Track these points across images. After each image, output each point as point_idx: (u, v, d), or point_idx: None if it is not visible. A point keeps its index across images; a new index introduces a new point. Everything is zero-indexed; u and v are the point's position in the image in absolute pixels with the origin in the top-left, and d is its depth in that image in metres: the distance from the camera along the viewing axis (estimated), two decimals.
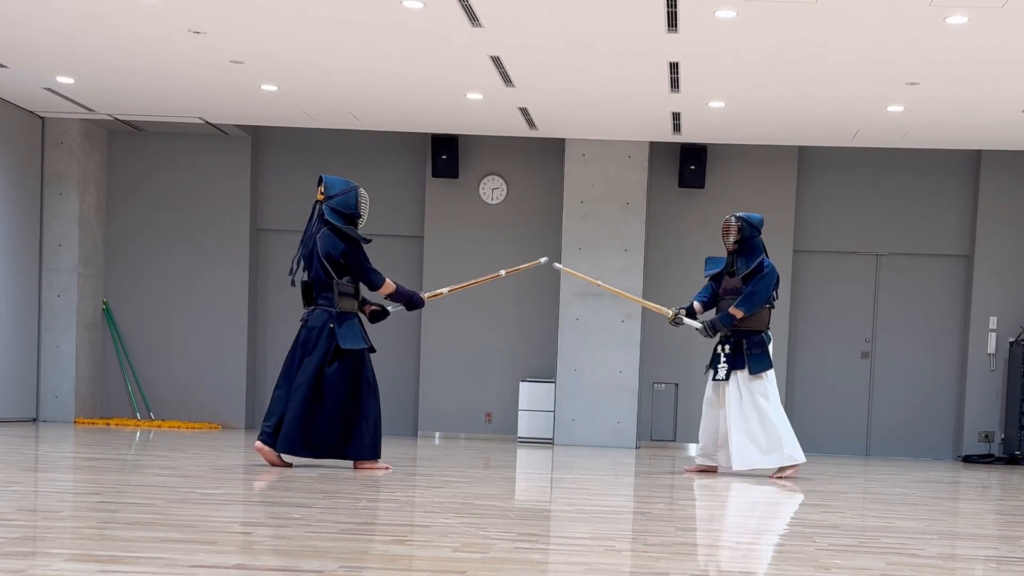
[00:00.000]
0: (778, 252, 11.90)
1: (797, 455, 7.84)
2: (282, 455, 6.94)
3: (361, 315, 7.24)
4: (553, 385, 11.73)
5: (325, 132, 11.92)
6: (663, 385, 12.10)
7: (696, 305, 8.10)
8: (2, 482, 5.46)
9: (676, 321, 7.97)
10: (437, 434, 12.12)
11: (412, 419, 12.35)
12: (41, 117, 11.57)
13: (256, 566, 3.28)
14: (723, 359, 7.86)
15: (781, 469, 7.84)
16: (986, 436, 11.68)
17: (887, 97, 9.47)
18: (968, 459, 11.46)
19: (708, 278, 8.15)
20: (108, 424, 11.45)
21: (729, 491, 6.77)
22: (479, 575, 3.26)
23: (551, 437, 11.70)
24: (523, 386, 11.78)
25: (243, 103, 10.63)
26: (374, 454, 7.01)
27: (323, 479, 6.27)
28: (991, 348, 11.69)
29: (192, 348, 12.16)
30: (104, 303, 12.20)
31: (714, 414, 7.95)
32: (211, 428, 11.63)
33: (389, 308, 7.36)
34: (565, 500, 5.93)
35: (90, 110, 11.17)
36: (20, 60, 9.43)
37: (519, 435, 11.74)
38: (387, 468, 7.07)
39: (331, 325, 6.91)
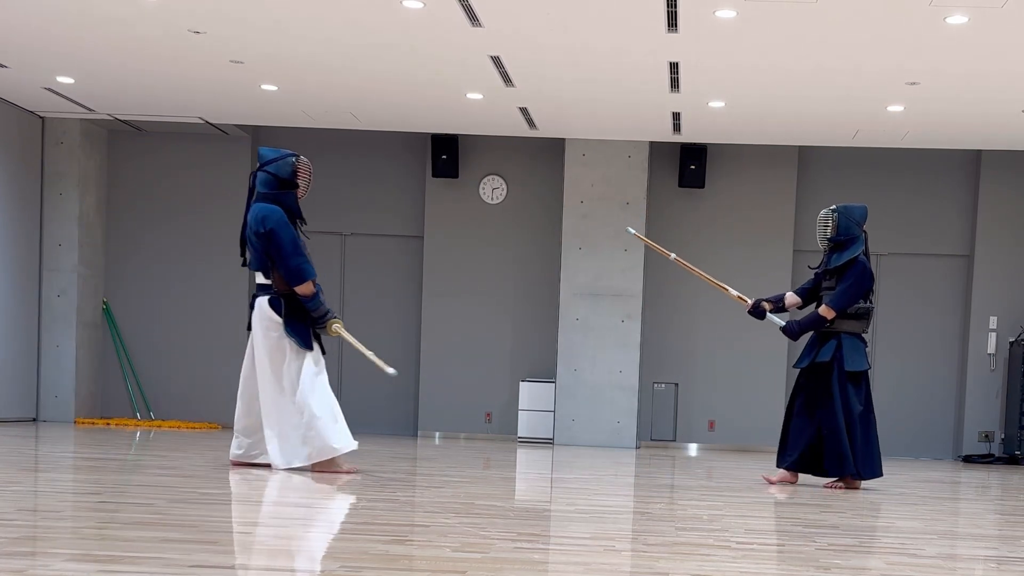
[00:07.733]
0: (778, 252, 11.94)
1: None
2: None
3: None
4: (553, 385, 11.72)
5: (325, 132, 11.91)
6: (663, 385, 12.09)
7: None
8: (2, 482, 5.46)
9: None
10: (437, 434, 12.11)
11: (412, 419, 12.35)
12: (41, 117, 11.56)
13: (256, 566, 3.28)
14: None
15: None
16: (986, 436, 11.68)
17: (887, 97, 9.47)
18: (968, 459, 11.46)
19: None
20: (108, 424, 11.44)
21: (729, 491, 6.76)
22: (479, 575, 3.26)
23: (551, 437, 11.69)
24: (523, 386, 11.78)
25: (243, 103, 10.63)
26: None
27: (323, 479, 6.27)
28: (991, 348, 11.68)
29: (192, 348, 12.16)
30: (104, 303, 12.19)
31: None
32: (211, 428, 11.62)
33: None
34: (565, 500, 5.93)
35: (90, 110, 11.17)
36: (20, 60, 9.43)
37: (519, 435, 11.74)
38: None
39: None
